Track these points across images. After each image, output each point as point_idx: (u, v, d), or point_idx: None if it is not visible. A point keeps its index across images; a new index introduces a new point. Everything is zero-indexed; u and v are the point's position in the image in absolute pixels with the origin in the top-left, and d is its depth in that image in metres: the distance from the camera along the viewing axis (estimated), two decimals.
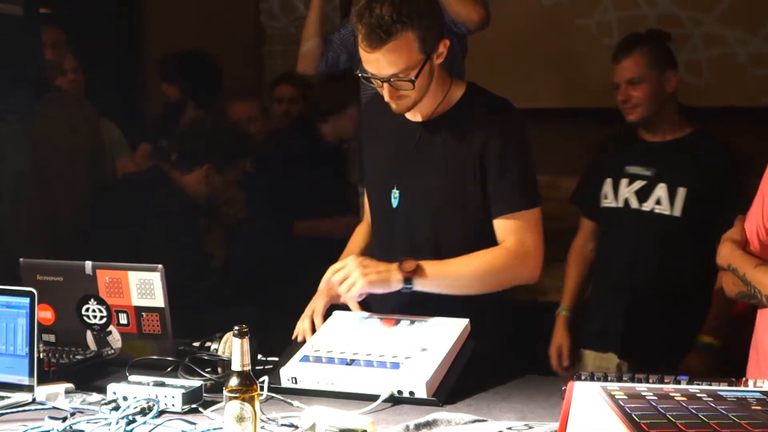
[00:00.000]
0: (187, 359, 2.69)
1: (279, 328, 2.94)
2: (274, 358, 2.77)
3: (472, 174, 2.77)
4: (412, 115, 2.84)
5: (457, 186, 2.80)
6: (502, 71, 4.99)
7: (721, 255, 2.70)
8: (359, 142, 3.06)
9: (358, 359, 2.58)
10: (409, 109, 2.77)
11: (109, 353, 2.84)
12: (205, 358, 2.70)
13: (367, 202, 3.09)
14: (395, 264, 2.70)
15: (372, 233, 3.05)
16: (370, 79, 2.73)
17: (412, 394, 2.48)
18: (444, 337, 2.63)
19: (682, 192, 3.52)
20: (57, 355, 2.80)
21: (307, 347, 2.68)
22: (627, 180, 3.62)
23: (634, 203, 3.60)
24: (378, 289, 2.69)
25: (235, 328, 2.18)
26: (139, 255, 3.09)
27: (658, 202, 3.55)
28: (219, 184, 4.03)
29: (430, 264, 2.71)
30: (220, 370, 2.66)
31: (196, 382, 2.53)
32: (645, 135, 3.65)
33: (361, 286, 2.66)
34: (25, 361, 2.57)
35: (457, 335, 2.63)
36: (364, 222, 3.14)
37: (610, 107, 4.85)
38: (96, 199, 4.25)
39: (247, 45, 6.20)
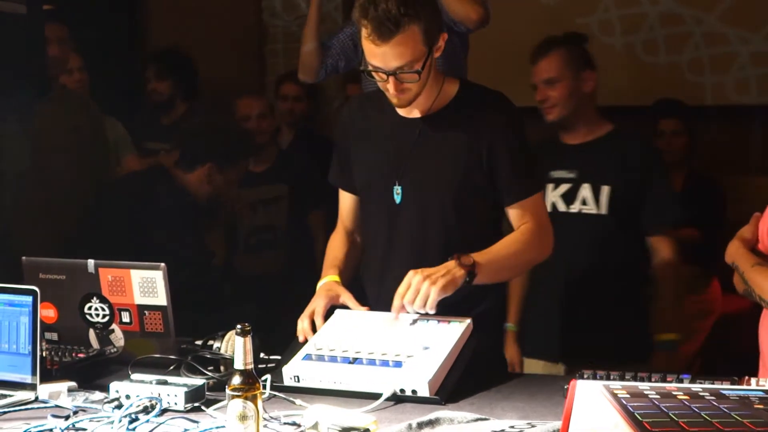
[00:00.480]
0: (189, 357, 2.69)
1: (282, 327, 2.94)
2: (277, 356, 2.76)
3: (479, 165, 2.81)
4: (408, 112, 2.86)
5: (462, 177, 2.83)
6: (502, 70, 4.99)
7: (728, 252, 2.70)
8: (341, 142, 3.04)
9: (360, 358, 2.58)
10: (411, 102, 2.79)
11: (111, 351, 2.84)
12: (208, 356, 2.70)
13: (344, 205, 3.08)
14: (452, 262, 2.70)
15: (366, 234, 3.03)
16: (372, 73, 2.75)
17: (414, 392, 2.48)
18: (446, 335, 2.63)
19: (606, 190, 3.57)
20: (60, 353, 2.80)
21: (309, 346, 2.68)
22: (552, 185, 3.67)
23: (562, 206, 3.63)
24: (450, 292, 2.67)
25: (238, 326, 2.18)
26: (141, 253, 3.08)
27: (584, 202, 3.60)
28: (221, 183, 4.03)
29: (478, 255, 2.73)
30: (222, 368, 2.66)
31: (198, 381, 2.53)
32: (565, 138, 3.71)
33: (436, 294, 2.64)
34: (28, 360, 2.57)
35: (459, 334, 2.64)
36: (339, 228, 3.10)
37: (609, 105, 4.88)
38: (98, 198, 4.25)
39: (249, 43, 6.21)
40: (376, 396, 2.47)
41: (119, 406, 2.42)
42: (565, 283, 3.61)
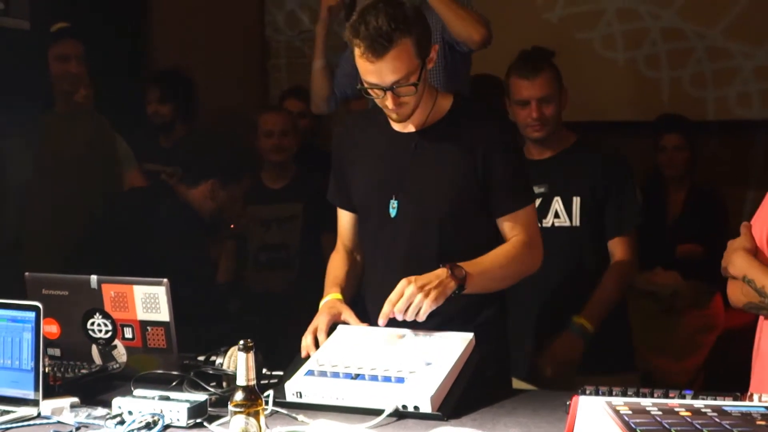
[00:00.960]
0: (192, 373, 2.69)
1: (284, 342, 2.94)
2: (279, 372, 2.77)
3: (474, 177, 2.83)
4: (403, 127, 2.88)
5: (458, 191, 2.85)
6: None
7: (736, 265, 2.64)
8: (337, 160, 3.04)
9: (362, 373, 2.58)
10: (409, 116, 2.81)
11: (114, 367, 2.84)
12: (210, 372, 2.71)
13: (343, 224, 3.08)
14: (443, 271, 2.71)
15: (365, 251, 3.04)
16: (368, 91, 2.77)
17: (416, 408, 2.48)
18: (448, 351, 2.63)
19: (576, 201, 3.56)
20: (62, 369, 2.81)
21: (312, 361, 2.68)
22: None
23: None
24: (440, 303, 2.69)
25: (240, 342, 2.18)
26: (144, 268, 3.09)
27: (557, 215, 3.58)
28: (225, 198, 4.03)
29: (468, 265, 2.75)
30: (225, 384, 2.66)
31: (201, 397, 2.53)
32: (533, 152, 3.65)
33: (429, 305, 2.66)
34: (31, 376, 2.57)
35: (461, 349, 2.64)
36: (339, 247, 3.10)
37: (611, 120, 4.89)
38: (102, 213, 4.26)
39: (252, 59, 6.22)
40: (378, 412, 2.46)
41: (122, 422, 2.42)
42: (539, 299, 3.56)
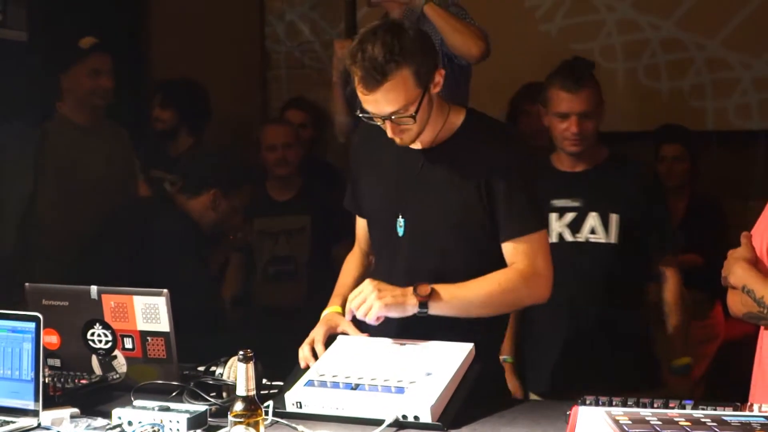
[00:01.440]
0: (192, 384, 2.69)
1: (284, 352, 2.94)
2: (279, 382, 2.77)
3: (479, 199, 2.78)
4: (413, 144, 2.82)
5: (463, 211, 2.80)
6: (504, 98, 5.01)
7: (736, 275, 2.65)
8: (354, 168, 3.04)
9: (362, 384, 2.58)
10: (413, 141, 2.77)
11: (114, 378, 2.85)
12: (210, 382, 2.71)
13: (360, 228, 3.09)
14: (410, 288, 2.69)
15: (375, 260, 3.05)
16: (371, 118, 2.72)
17: (416, 418, 2.48)
18: (449, 361, 2.63)
19: (615, 218, 3.50)
20: (62, 379, 2.81)
21: (312, 372, 2.68)
22: (557, 214, 3.56)
23: (568, 236, 3.54)
24: (394, 313, 2.68)
25: (240, 352, 2.18)
26: (143, 279, 3.09)
27: (593, 231, 3.52)
28: (226, 209, 4.03)
29: (444, 287, 2.71)
30: (225, 394, 2.66)
31: (201, 407, 2.53)
32: (565, 164, 3.60)
33: (378, 308, 2.66)
34: (31, 386, 2.57)
35: (461, 359, 2.63)
36: (356, 250, 3.12)
37: (611, 131, 4.89)
38: (102, 224, 4.25)
39: (251, 70, 6.23)
40: (378, 422, 2.46)
41: None
42: (570, 315, 3.52)
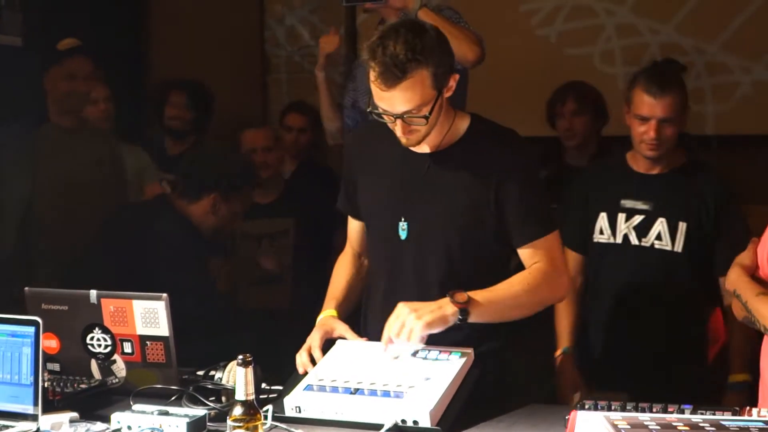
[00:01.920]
0: (191, 388, 2.69)
1: (282, 357, 2.94)
2: (279, 386, 2.76)
3: (487, 204, 2.78)
4: (418, 148, 2.82)
5: (470, 216, 2.80)
6: (502, 103, 5.01)
7: (730, 279, 2.69)
8: (349, 169, 3.02)
9: (362, 388, 2.58)
10: (420, 142, 2.76)
11: (113, 382, 2.85)
12: (209, 387, 2.71)
13: (352, 229, 3.08)
14: (445, 299, 2.67)
15: (371, 263, 3.04)
16: (381, 115, 2.71)
17: (416, 423, 2.48)
18: (448, 366, 2.63)
19: (683, 227, 3.45)
20: (62, 384, 2.81)
21: (311, 376, 2.68)
22: (624, 215, 3.53)
23: (634, 239, 3.51)
24: (437, 328, 2.65)
25: (239, 357, 2.18)
26: (143, 283, 3.09)
27: (659, 237, 3.47)
28: (226, 214, 4.03)
29: (477, 293, 2.70)
30: (224, 399, 2.66)
31: (200, 411, 2.53)
32: (640, 165, 3.55)
33: (421, 328, 2.63)
34: (30, 390, 2.57)
35: (461, 364, 2.63)
36: (347, 251, 3.10)
37: (613, 135, 4.88)
38: (101, 228, 4.25)
39: (252, 73, 6.23)
40: (377, 426, 2.47)
41: None
42: (634, 317, 3.51)
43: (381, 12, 3.94)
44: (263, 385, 2.75)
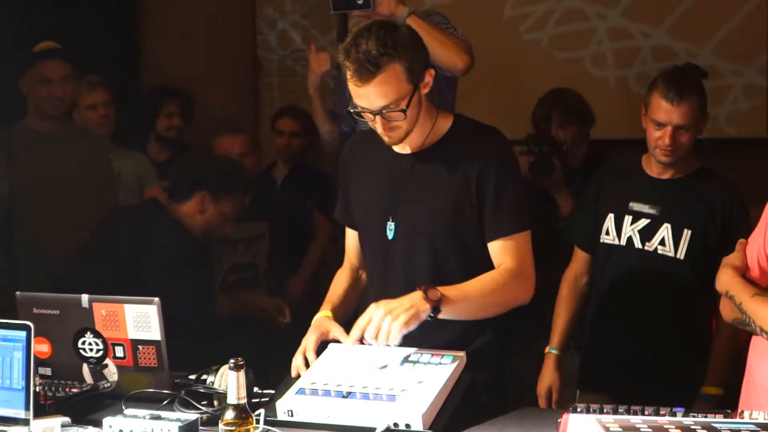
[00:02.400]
0: (183, 392, 2.69)
1: (276, 360, 2.94)
2: (271, 390, 2.76)
3: (469, 201, 2.82)
4: (401, 148, 2.87)
5: (454, 214, 2.83)
6: (494, 106, 5.02)
7: (721, 281, 2.69)
8: (343, 178, 3.05)
9: (354, 392, 2.58)
10: (402, 140, 2.80)
11: (105, 386, 2.84)
12: (201, 391, 2.70)
13: (350, 242, 3.10)
14: (417, 294, 2.68)
15: (367, 268, 3.05)
16: (360, 113, 2.76)
17: (408, 426, 2.48)
18: (440, 369, 2.63)
19: (687, 234, 3.43)
20: (53, 388, 2.80)
21: (303, 380, 2.68)
22: (631, 217, 3.50)
23: (637, 242, 3.49)
24: (413, 326, 2.65)
25: (231, 361, 2.18)
26: (135, 287, 3.08)
27: (662, 242, 3.45)
28: (215, 214, 4.02)
29: (449, 289, 2.71)
30: (216, 403, 2.66)
31: (192, 416, 2.52)
32: (652, 169, 3.52)
33: (398, 330, 2.63)
34: (22, 395, 2.56)
35: (453, 367, 2.64)
36: (345, 265, 3.12)
37: (602, 138, 4.90)
38: (93, 232, 4.25)
39: (244, 78, 6.23)
40: (369, 430, 2.47)
41: None
42: (630, 321, 3.49)
43: (371, 19, 3.94)
44: (255, 388, 2.75)
